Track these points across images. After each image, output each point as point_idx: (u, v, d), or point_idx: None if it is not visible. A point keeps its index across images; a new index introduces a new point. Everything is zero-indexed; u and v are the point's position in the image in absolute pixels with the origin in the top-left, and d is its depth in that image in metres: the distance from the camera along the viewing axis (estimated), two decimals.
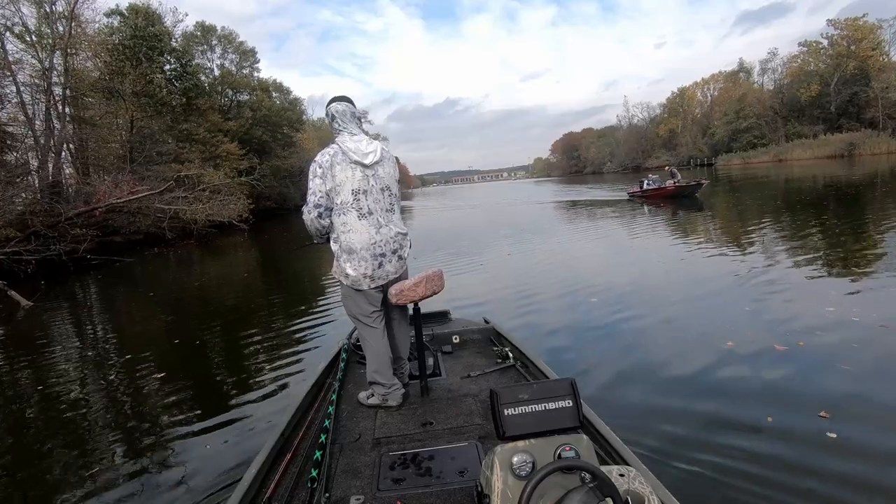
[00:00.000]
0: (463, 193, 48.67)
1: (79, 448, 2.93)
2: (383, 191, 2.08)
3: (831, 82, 45.55)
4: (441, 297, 2.40)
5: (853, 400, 2.56)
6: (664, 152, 66.50)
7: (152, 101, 22.43)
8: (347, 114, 2.05)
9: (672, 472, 2.04)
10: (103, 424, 3.24)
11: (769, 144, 48.12)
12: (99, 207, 14.19)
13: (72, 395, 3.87)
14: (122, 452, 2.83)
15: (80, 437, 3.10)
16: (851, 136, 38.63)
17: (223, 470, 2.45)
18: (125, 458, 2.74)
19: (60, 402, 3.70)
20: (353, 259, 2.02)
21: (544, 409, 1.18)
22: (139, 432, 3.06)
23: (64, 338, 6.02)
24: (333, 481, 1.60)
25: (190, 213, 16.47)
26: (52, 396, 3.85)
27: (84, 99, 19.58)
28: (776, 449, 2.20)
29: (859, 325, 3.56)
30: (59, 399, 3.77)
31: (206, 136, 25.28)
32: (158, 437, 2.96)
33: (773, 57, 55.62)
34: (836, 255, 6.10)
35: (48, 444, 3.00)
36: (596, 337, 3.94)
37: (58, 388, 4.05)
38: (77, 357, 5.02)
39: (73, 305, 8.50)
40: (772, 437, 2.31)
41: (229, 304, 7.16)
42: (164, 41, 23.16)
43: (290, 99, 40.24)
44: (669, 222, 11.33)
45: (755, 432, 2.36)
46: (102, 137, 20.50)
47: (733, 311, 4.18)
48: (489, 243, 10.15)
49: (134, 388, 3.88)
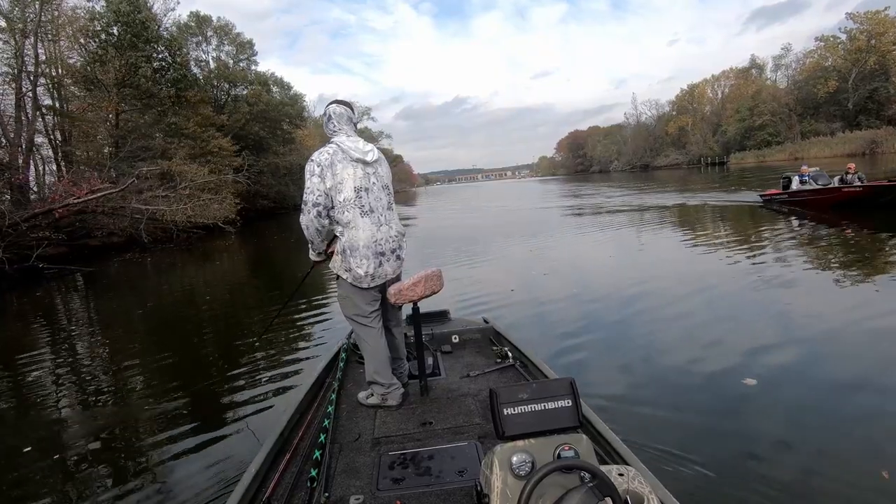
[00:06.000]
0: (466, 194, 45.80)
1: (71, 448, 2.97)
2: (383, 189, 2.14)
3: (849, 78, 45.30)
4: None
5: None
6: (674, 150, 66.36)
7: (138, 92, 21.67)
8: (344, 117, 2.13)
9: (671, 472, 2.10)
10: (98, 427, 3.28)
11: (784, 142, 47.85)
12: (55, 208, 13.14)
13: (59, 397, 3.91)
14: (121, 453, 2.87)
15: (72, 437, 3.15)
16: (873, 134, 38.42)
17: (222, 469, 2.50)
18: (124, 459, 2.79)
19: (48, 407, 3.75)
20: (356, 257, 2.07)
21: (544, 409, 1.22)
22: (138, 433, 3.11)
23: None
24: (333, 481, 1.64)
25: (170, 214, 15.42)
26: (40, 402, 3.89)
27: (63, 89, 18.97)
28: (776, 448, 2.26)
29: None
30: (46, 404, 3.82)
31: (197, 131, 24.40)
32: (157, 437, 3.01)
33: (786, 53, 55.53)
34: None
35: (48, 447, 3.03)
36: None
37: (44, 392, 4.08)
38: (55, 367, 5.00)
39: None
40: (772, 436, 2.36)
41: (215, 310, 7.14)
42: (152, 29, 22.39)
43: (290, 94, 39.78)
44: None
45: (755, 432, 2.41)
46: (84, 132, 19.85)
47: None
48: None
49: (131, 391, 3.93)
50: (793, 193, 11.28)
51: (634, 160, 74.82)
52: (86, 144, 20.48)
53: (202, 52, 33.51)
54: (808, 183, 11.06)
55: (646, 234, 9.91)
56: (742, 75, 59.44)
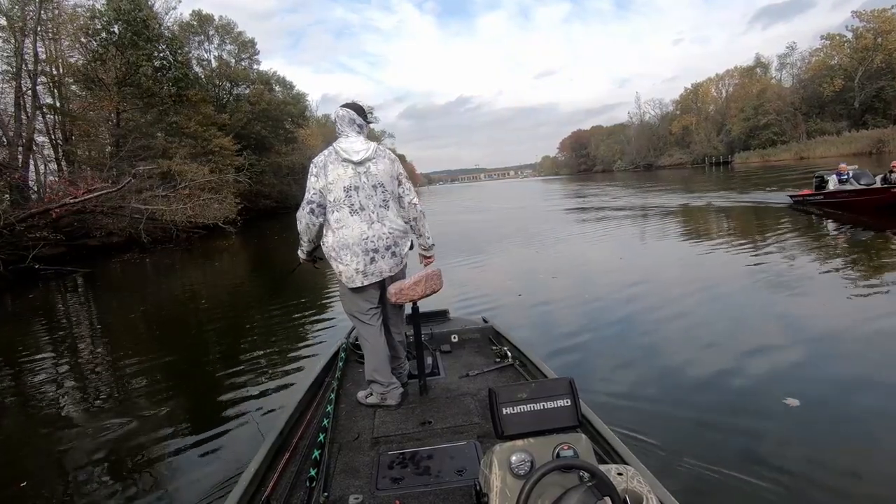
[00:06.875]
0: (469, 194, 45.55)
1: (71, 448, 2.99)
2: (375, 187, 2.17)
3: (855, 77, 45.11)
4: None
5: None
6: (677, 150, 66.24)
7: (139, 91, 21.70)
8: (346, 119, 2.20)
9: (670, 471, 2.10)
10: (97, 426, 3.29)
11: (790, 142, 47.68)
12: (52, 208, 13.03)
13: (57, 397, 3.94)
14: (120, 452, 2.89)
15: (71, 437, 3.16)
16: (880, 133, 38.27)
17: (222, 468, 2.51)
18: (123, 458, 2.80)
19: (46, 406, 3.77)
20: (346, 254, 2.12)
21: (543, 409, 1.22)
22: (137, 432, 3.12)
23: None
24: (332, 480, 1.65)
25: (169, 214, 15.31)
26: (42, 400, 3.92)
27: (64, 88, 18.93)
28: (775, 448, 2.26)
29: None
30: (44, 404, 3.85)
31: (198, 130, 24.46)
32: (156, 436, 3.03)
33: (791, 52, 55.27)
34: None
35: (45, 445, 3.07)
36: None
37: (41, 389, 4.11)
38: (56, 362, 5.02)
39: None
40: (771, 436, 2.36)
41: (214, 310, 7.18)
42: (153, 27, 22.32)
43: (292, 94, 39.91)
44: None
45: (754, 432, 2.41)
46: (85, 131, 19.87)
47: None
48: None
49: (130, 390, 3.95)
50: (830, 194, 10.21)
51: (638, 160, 74.74)
52: (87, 144, 20.46)
53: (204, 50, 33.74)
54: (849, 182, 9.91)
55: (677, 239, 9.00)
56: (747, 74, 59.28)
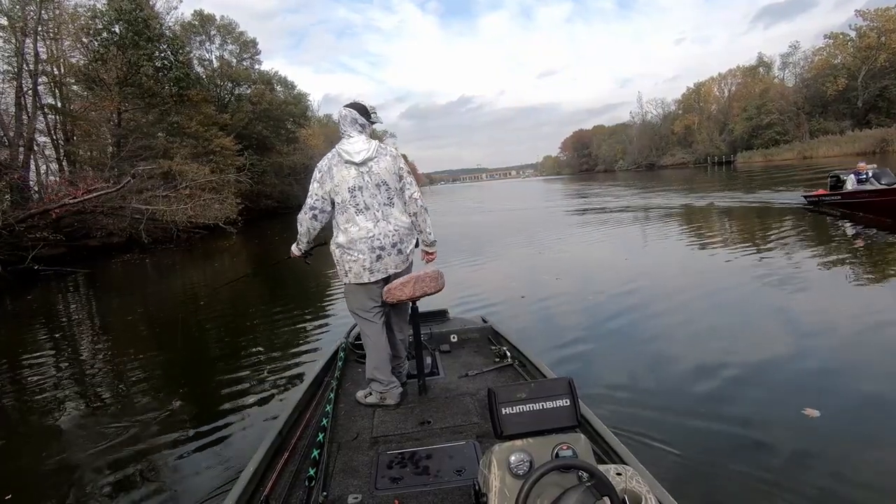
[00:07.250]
0: (470, 194, 44.82)
1: (70, 447, 3.00)
2: (379, 186, 2.18)
3: (859, 76, 44.97)
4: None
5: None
6: (680, 150, 66.12)
7: (140, 91, 21.68)
8: (348, 119, 2.22)
9: (669, 471, 2.10)
10: (97, 426, 3.30)
11: (793, 141, 47.57)
12: (51, 209, 12.99)
13: (56, 397, 3.94)
14: (119, 451, 2.89)
15: (70, 436, 3.18)
16: (883, 132, 38.16)
17: (221, 468, 2.53)
18: (122, 457, 2.81)
19: (45, 406, 3.78)
20: (353, 252, 2.16)
21: (542, 408, 1.22)
22: (136, 431, 3.13)
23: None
24: (331, 480, 1.65)
25: (169, 215, 15.22)
26: (41, 399, 3.93)
27: (65, 88, 18.93)
28: (775, 448, 2.26)
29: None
30: (44, 403, 3.85)
31: (199, 130, 24.48)
32: (155, 436, 3.03)
33: (794, 51, 55.14)
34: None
35: (46, 446, 3.07)
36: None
37: (40, 388, 4.12)
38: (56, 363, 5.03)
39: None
40: (770, 435, 2.36)
41: (214, 310, 7.17)
42: (154, 27, 22.32)
43: (294, 93, 39.84)
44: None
45: (754, 432, 2.42)
46: (86, 131, 19.87)
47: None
48: None
49: (129, 390, 3.96)
50: (848, 194, 9.76)
51: (640, 159, 74.64)
52: (88, 144, 20.48)
53: (205, 50, 33.78)
54: (868, 182, 9.44)
55: (688, 241, 8.68)
56: (749, 73, 59.16)
